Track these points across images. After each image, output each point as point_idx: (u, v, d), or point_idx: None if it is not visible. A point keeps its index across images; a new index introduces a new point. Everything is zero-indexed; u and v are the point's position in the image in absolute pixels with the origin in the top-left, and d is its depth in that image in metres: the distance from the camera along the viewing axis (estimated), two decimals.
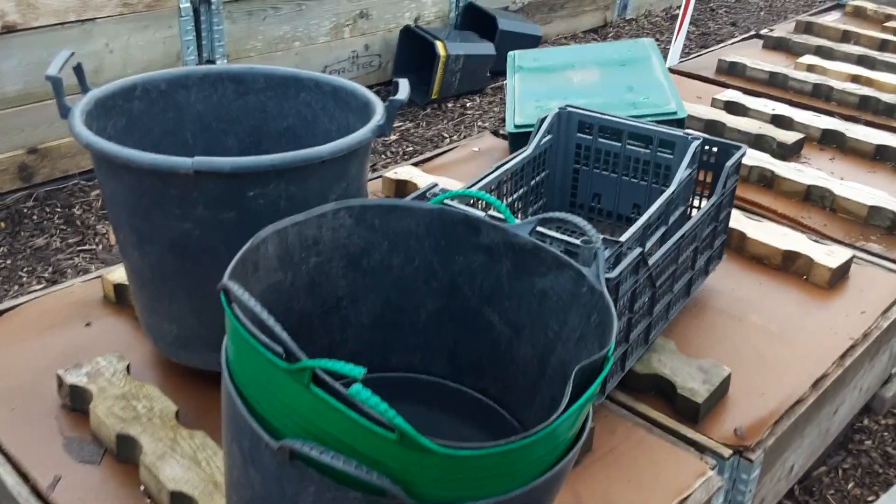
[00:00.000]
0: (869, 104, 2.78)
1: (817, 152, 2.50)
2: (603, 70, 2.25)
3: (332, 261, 1.16)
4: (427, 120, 3.30)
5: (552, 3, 4.16)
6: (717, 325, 1.68)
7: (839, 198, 2.14)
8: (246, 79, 1.62)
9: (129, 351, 1.54)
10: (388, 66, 3.53)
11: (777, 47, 3.42)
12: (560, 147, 1.84)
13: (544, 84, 2.23)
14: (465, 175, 2.27)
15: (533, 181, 1.80)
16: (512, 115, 2.08)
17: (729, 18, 5.07)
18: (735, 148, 1.70)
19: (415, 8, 3.51)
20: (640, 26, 4.68)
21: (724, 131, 2.53)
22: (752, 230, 1.95)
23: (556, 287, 1.09)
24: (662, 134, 1.72)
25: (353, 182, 1.39)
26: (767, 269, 1.90)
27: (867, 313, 1.73)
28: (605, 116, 1.77)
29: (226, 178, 1.23)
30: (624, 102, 2.05)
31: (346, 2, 3.24)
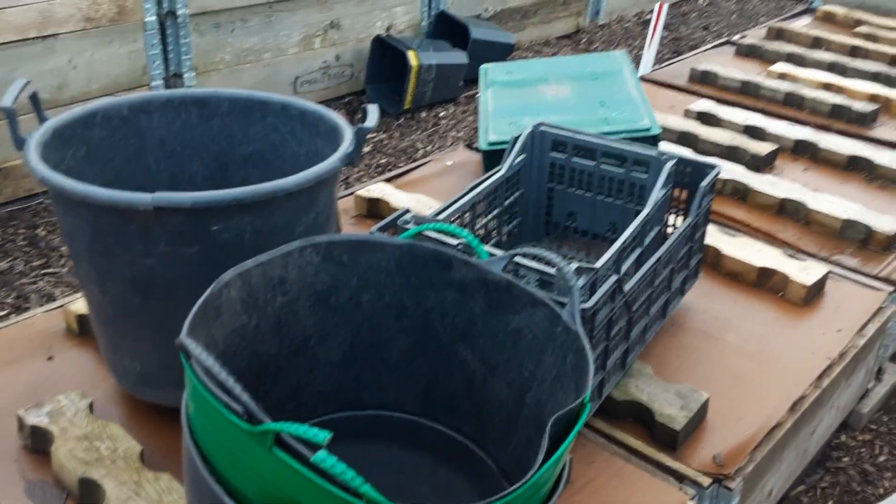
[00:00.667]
0: (841, 113, 2.78)
1: (791, 163, 2.49)
2: (575, 84, 2.23)
3: (298, 300, 1.13)
4: (400, 130, 3.27)
5: (524, 10, 4.14)
6: (693, 346, 1.66)
7: (813, 211, 2.13)
8: (210, 102, 1.58)
9: (93, 386, 1.49)
10: (360, 75, 3.49)
11: (749, 54, 3.42)
12: (534, 166, 1.82)
13: (517, 99, 2.20)
14: (439, 191, 2.24)
15: (507, 201, 1.77)
16: (485, 132, 2.05)
17: (701, 23, 5.08)
18: (709, 167, 1.68)
19: (386, 17, 3.47)
20: (613, 32, 4.67)
21: (698, 143, 2.52)
22: (728, 246, 1.94)
23: (530, 325, 1.06)
24: (636, 154, 1.69)
25: (322, 212, 1.36)
26: (743, 285, 1.89)
27: (843, 331, 1.73)
28: (579, 136, 1.75)
29: (187, 214, 1.19)
30: (597, 118, 2.02)
31: (316, 12, 3.20)
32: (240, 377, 1.05)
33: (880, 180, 2.39)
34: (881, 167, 2.40)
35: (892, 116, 2.85)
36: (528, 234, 1.89)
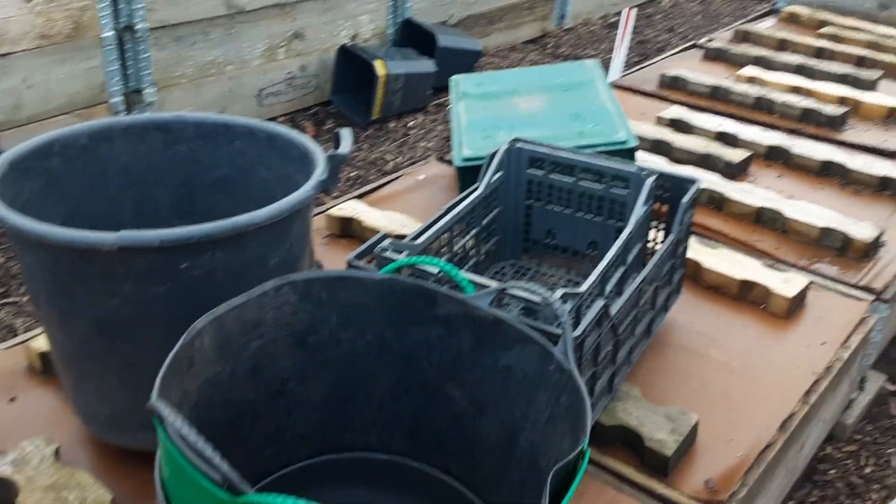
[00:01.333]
0: (811, 117, 2.78)
1: (764, 169, 2.48)
2: (548, 96, 2.19)
3: (276, 341, 1.07)
4: (369, 142, 3.21)
5: (490, 15, 4.10)
6: (679, 365, 1.63)
7: (790, 220, 2.12)
8: (174, 128, 1.51)
9: (58, 429, 1.42)
10: (326, 86, 3.43)
11: (717, 58, 3.42)
12: (511, 183, 1.77)
13: (490, 112, 2.15)
14: (413, 207, 2.19)
15: (485, 220, 1.73)
16: (459, 147, 2.00)
17: (665, 25, 5.09)
18: (689, 182, 1.65)
19: (351, 26, 3.41)
20: (579, 35, 4.66)
21: (672, 151, 2.50)
22: (708, 259, 1.91)
23: (521, 363, 1.02)
24: (615, 170, 1.66)
25: (296, 243, 1.30)
26: (725, 298, 1.86)
27: (828, 344, 1.71)
28: (556, 152, 1.71)
29: (155, 252, 1.13)
30: (572, 132, 1.99)
31: (279, 22, 3.12)
32: (215, 427, 0.99)
33: (854, 185, 2.39)
34: (854, 172, 2.39)
35: (861, 119, 2.86)
36: (506, 252, 1.85)
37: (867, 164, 2.41)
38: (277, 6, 3.08)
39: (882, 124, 2.81)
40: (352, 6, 3.37)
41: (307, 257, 1.41)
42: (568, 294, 1.27)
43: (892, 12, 4.01)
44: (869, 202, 2.31)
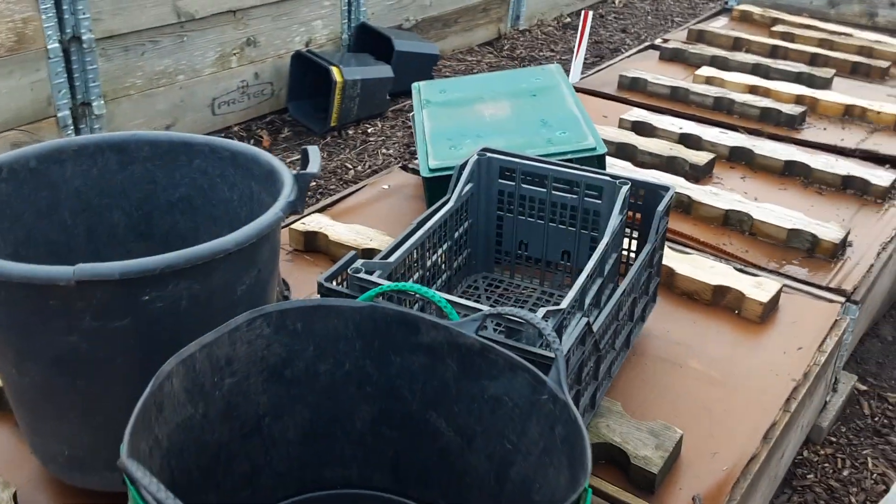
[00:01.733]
0: (770, 116, 2.80)
1: (728, 171, 2.48)
2: (513, 102, 2.15)
3: (249, 377, 1.01)
4: (328, 150, 3.14)
5: (445, 18, 4.06)
6: (658, 376, 1.61)
7: (758, 221, 2.12)
8: (129, 147, 1.44)
9: (15, 470, 1.33)
10: (282, 93, 3.35)
11: (673, 58, 3.42)
12: (482, 194, 1.73)
13: (454, 120, 2.11)
14: (378, 218, 2.13)
15: (456, 233, 1.68)
16: (425, 157, 1.95)
17: (619, 25, 5.10)
18: (663, 189, 1.63)
19: (305, 32, 3.33)
20: (535, 37, 4.64)
21: (636, 155, 2.48)
22: (680, 265, 1.90)
23: (510, 392, 0.97)
24: (589, 179, 1.63)
25: (264, 268, 1.24)
26: (699, 305, 1.85)
27: (804, 349, 1.70)
28: (527, 161, 1.67)
29: (115, 285, 1.06)
30: (540, 139, 1.95)
31: (231, 29, 3.04)
32: (188, 473, 0.92)
33: (817, 184, 2.40)
34: (817, 171, 2.41)
35: (818, 117, 2.88)
36: (477, 265, 1.80)
37: (829, 164, 2.43)
38: (229, 13, 2.99)
39: (839, 122, 2.84)
40: (305, 11, 3.30)
41: (276, 283, 1.35)
42: (550, 312, 1.23)
43: (842, 9, 4.07)
44: (833, 201, 2.32)
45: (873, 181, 2.33)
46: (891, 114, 2.80)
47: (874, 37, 3.70)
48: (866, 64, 3.32)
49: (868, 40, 3.63)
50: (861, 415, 2.00)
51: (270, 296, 1.32)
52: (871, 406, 2.02)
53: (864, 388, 2.08)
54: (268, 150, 2.96)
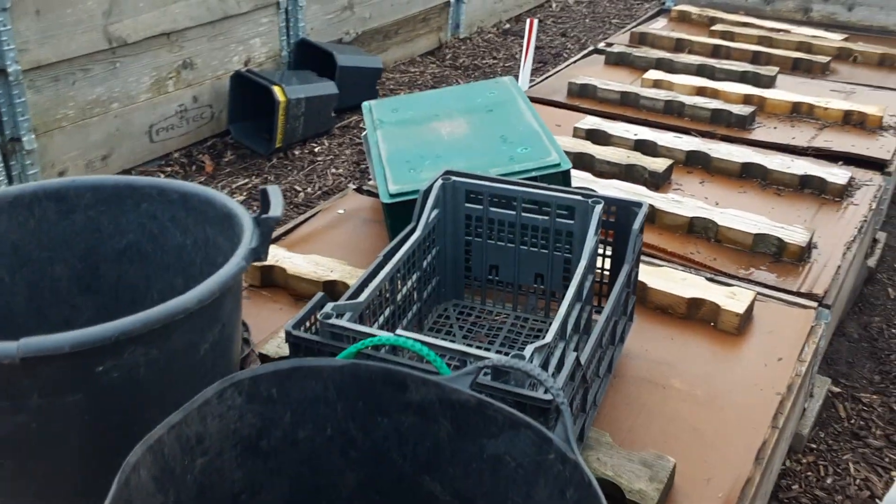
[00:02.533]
0: (721, 118, 2.79)
1: (686, 176, 2.46)
2: (470, 119, 2.08)
3: (222, 454, 0.91)
4: (275, 172, 3.03)
5: (386, 30, 3.98)
6: (643, 399, 1.55)
7: (723, 228, 2.09)
8: (68, 195, 1.32)
9: None
10: (222, 115, 3.22)
11: (619, 62, 3.41)
12: (448, 220, 1.65)
13: (411, 140, 2.03)
14: (336, 246, 2.04)
15: (425, 263, 1.60)
16: (384, 182, 1.87)
17: (558, 29, 5.09)
18: (636, 205, 1.58)
19: (243, 51, 3.21)
20: (476, 44, 4.59)
21: (594, 164, 2.44)
22: (652, 279, 1.85)
23: (512, 451, 0.90)
24: (560, 199, 1.57)
25: (229, 322, 1.14)
26: (673, 319, 1.80)
27: (784, 359, 1.67)
28: (495, 184, 1.60)
29: (65, 358, 0.95)
30: (502, 157, 1.88)
31: (166, 52, 2.90)
32: None
33: (775, 186, 2.39)
34: (774, 172, 2.40)
35: (767, 116, 2.89)
36: (447, 292, 1.73)
37: (784, 164, 2.42)
38: (162, 35, 2.86)
39: (787, 120, 2.85)
40: (242, 30, 3.18)
41: (240, 333, 1.25)
42: (538, 349, 1.16)
43: (777, 6, 4.12)
44: (792, 202, 2.31)
45: (830, 180, 2.33)
46: (838, 109, 2.82)
47: (811, 32, 3.75)
48: (807, 60, 3.35)
49: (806, 35, 3.68)
50: (838, 418, 1.99)
51: (236, 349, 1.22)
52: (847, 408, 2.01)
53: (837, 390, 2.07)
54: (211, 175, 2.84)
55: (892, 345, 2.24)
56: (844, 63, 3.45)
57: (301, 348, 1.24)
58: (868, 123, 2.78)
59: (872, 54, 3.43)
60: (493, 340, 1.64)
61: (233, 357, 1.22)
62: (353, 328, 1.20)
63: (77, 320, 1.38)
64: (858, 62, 3.45)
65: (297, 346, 1.24)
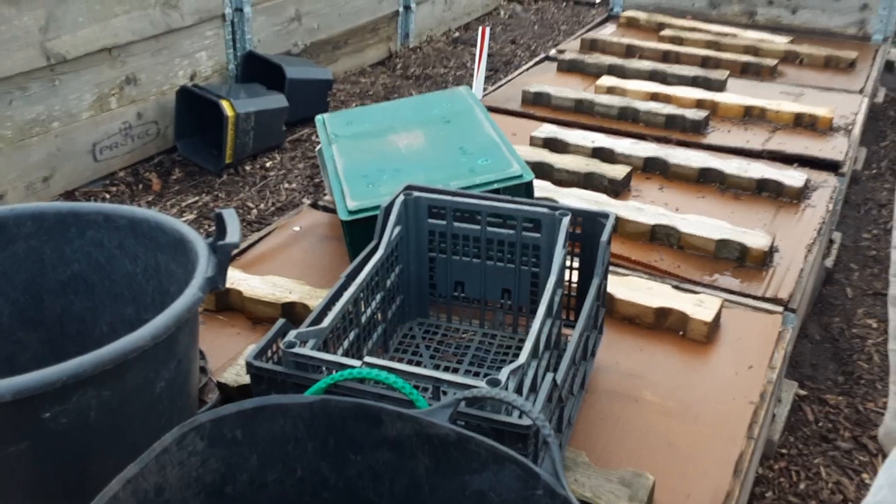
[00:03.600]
0: (676, 122, 2.79)
1: (645, 182, 2.45)
2: (428, 130, 2.04)
3: None
4: (226, 189, 2.94)
5: (335, 41, 3.92)
6: (616, 414, 1.52)
7: (685, 234, 2.07)
8: (7, 224, 1.24)
9: None
10: (168, 132, 3.12)
11: (571, 69, 3.40)
12: (411, 236, 1.60)
13: (368, 154, 1.97)
14: (294, 266, 1.97)
15: (388, 282, 1.55)
16: (342, 198, 1.80)
17: (507, 36, 5.08)
18: (602, 216, 1.54)
19: (188, 65, 3.12)
20: (426, 54, 4.56)
21: (553, 173, 2.41)
22: (618, 289, 1.82)
23: (497, 487, 0.85)
24: (526, 212, 1.53)
25: (185, 356, 1.07)
26: (641, 329, 1.78)
27: (755, 367, 1.65)
28: (458, 199, 1.56)
29: (8, 406, 0.87)
30: (462, 169, 1.84)
31: (107, 68, 2.80)
32: None
33: (733, 190, 2.39)
34: (731, 176, 2.40)
35: (720, 119, 2.90)
36: (411, 310, 1.67)
37: (741, 168, 2.43)
38: (104, 51, 2.75)
39: (741, 123, 2.87)
40: (187, 44, 3.09)
41: (196, 365, 1.18)
42: (513, 371, 1.12)
43: (723, 10, 4.17)
44: (751, 205, 2.31)
45: (787, 182, 2.34)
46: (789, 112, 2.84)
47: (757, 35, 3.80)
48: (755, 63, 3.39)
49: (752, 39, 3.72)
50: (806, 421, 1.98)
51: (193, 383, 1.15)
52: (814, 411, 2.01)
53: (804, 393, 2.07)
54: (159, 194, 2.74)
55: (853, 345, 2.25)
56: (791, 65, 3.49)
57: (264, 380, 1.17)
58: (819, 125, 2.81)
59: (818, 56, 3.49)
60: (461, 360, 1.59)
61: (190, 391, 1.15)
62: (317, 357, 1.14)
63: (21, 356, 1.30)
64: (805, 64, 3.50)
65: (259, 378, 1.17)
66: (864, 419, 1.97)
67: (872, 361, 2.18)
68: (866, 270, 2.62)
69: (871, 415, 1.99)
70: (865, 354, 2.21)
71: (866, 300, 2.46)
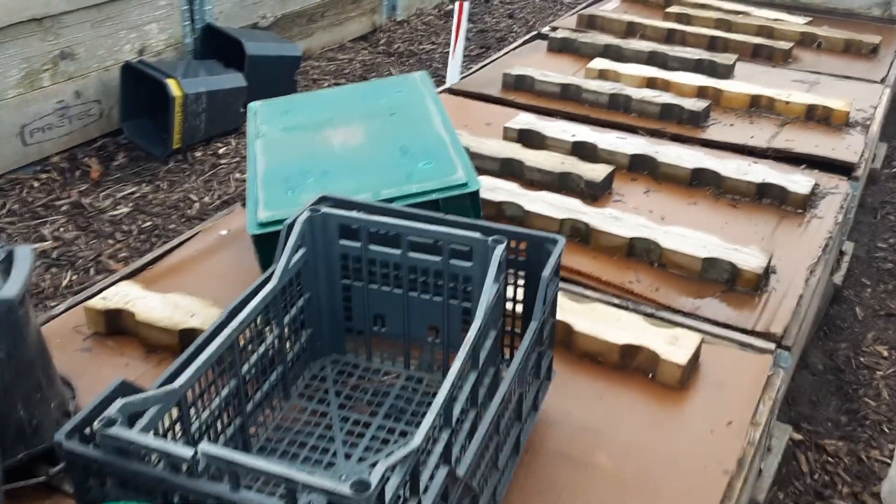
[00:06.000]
0: (672, 113, 2.49)
1: (629, 184, 2.15)
2: (369, 125, 1.75)
3: None
4: (170, 179, 2.67)
5: (310, 12, 3.61)
6: (560, 484, 1.25)
7: (667, 251, 1.78)
8: None
9: None
10: (113, 112, 2.85)
11: (563, 49, 3.09)
12: (319, 261, 1.33)
13: (295, 152, 1.69)
14: (208, 282, 1.70)
15: (287, 317, 1.28)
16: (254, 206, 1.53)
17: (505, 10, 4.75)
18: (550, 241, 1.26)
19: (136, 38, 2.84)
20: (413, 28, 4.24)
21: (524, 171, 2.12)
22: (579, 319, 1.54)
23: None
24: (454, 237, 1.24)
25: None
26: (604, 369, 1.50)
27: (735, 423, 1.37)
28: (373, 217, 1.28)
29: None
30: (399, 174, 1.55)
31: (38, 41, 2.52)
32: None
33: (729, 195, 2.10)
34: (728, 180, 2.10)
35: (723, 111, 2.59)
36: (324, 346, 1.40)
37: (741, 170, 2.12)
38: (32, 21, 2.47)
39: (745, 116, 2.56)
40: (135, 14, 2.80)
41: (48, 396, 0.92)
42: (399, 462, 0.85)
43: None
44: (749, 214, 2.02)
45: (791, 188, 2.04)
46: (800, 103, 2.53)
47: (773, 14, 3.46)
48: (768, 46, 3.06)
49: (767, 19, 3.38)
50: (799, 473, 1.70)
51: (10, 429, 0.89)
52: (810, 460, 1.73)
53: (799, 437, 1.78)
54: (97, 182, 2.48)
55: (860, 377, 1.96)
56: (808, 49, 3.16)
57: (78, 467, 0.91)
58: (833, 119, 2.49)
59: (837, 40, 3.15)
60: (376, 410, 1.32)
61: None
62: (139, 442, 0.87)
63: None
64: (822, 48, 3.17)
65: (72, 465, 0.91)
66: (867, 471, 1.69)
67: (880, 398, 1.90)
68: (880, 287, 2.32)
69: (875, 465, 1.71)
70: (873, 389, 1.92)
71: (878, 322, 2.16)
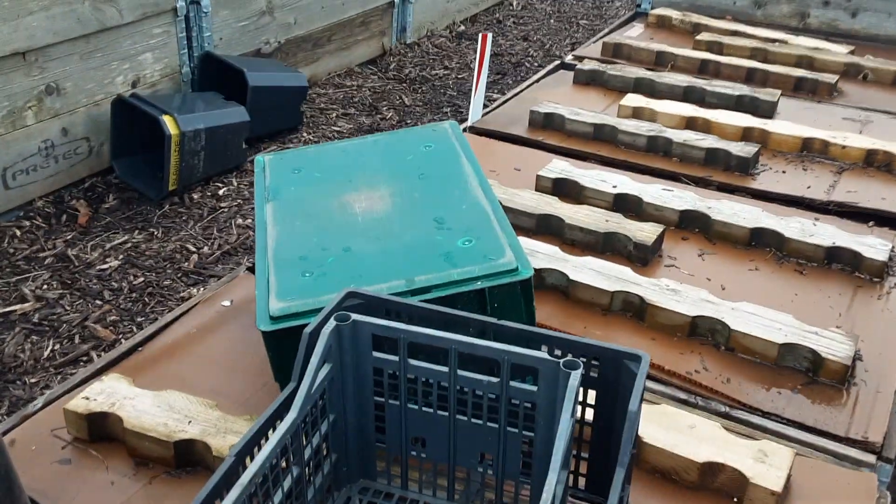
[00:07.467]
0: (718, 159, 2.26)
1: (680, 244, 1.92)
2: (395, 188, 1.51)
3: None
4: (165, 224, 2.43)
5: (315, 37, 3.38)
6: None
7: (737, 333, 1.55)
8: None
9: None
10: (104, 149, 2.61)
11: (590, 82, 2.86)
12: (348, 375, 1.09)
13: (312, 222, 1.45)
14: (212, 370, 1.46)
15: (310, 448, 1.04)
16: (265, 295, 1.29)
17: (519, 31, 4.53)
18: (632, 359, 1.02)
19: (129, 69, 2.60)
20: (425, 51, 4.01)
21: (564, 231, 1.89)
22: (646, 426, 1.31)
23: None
24: (517, 357, 1.01)
25: None
26: (679, 489, 1.26)
27: None
28: (415, 329, 1.04)
29: None
30: (434, 256, 1.32)
31: (21, 76, 2.28)
32: None
33: (794, 259, 1.86)
34: (792, 241, 1.87)
35: (771, 155, 2.36)
36: (351, 472, 1.16)
37: (805, 230, 1.89)
38: (16, 55, 2.24)
39: (797, 161, 2.33)
40: (128, 43, 2.57)
41: None
42: None
43: (769, 10, 3.60)
44: (818, 284, 1.79)
45: (867, 254, 1.81)
46: (858, 147, 2.30)
47: (812, 43, 3.24)
48: (811, 79, 2.84)
49: (806, 48, 3.16)
50: None
51: None
52: None
53: None
54: (84, 228, 2.24)
55: None
56: (853, 82, 2.94)
57: None
58: (895, 166, 2.27)
59: (886, 71, 2.93)
60: None
61: None
62: None
63: None
64: (869, 80, 2.95)
65: None
66: None
67: None
68: None
69: None
70: None
71: None
